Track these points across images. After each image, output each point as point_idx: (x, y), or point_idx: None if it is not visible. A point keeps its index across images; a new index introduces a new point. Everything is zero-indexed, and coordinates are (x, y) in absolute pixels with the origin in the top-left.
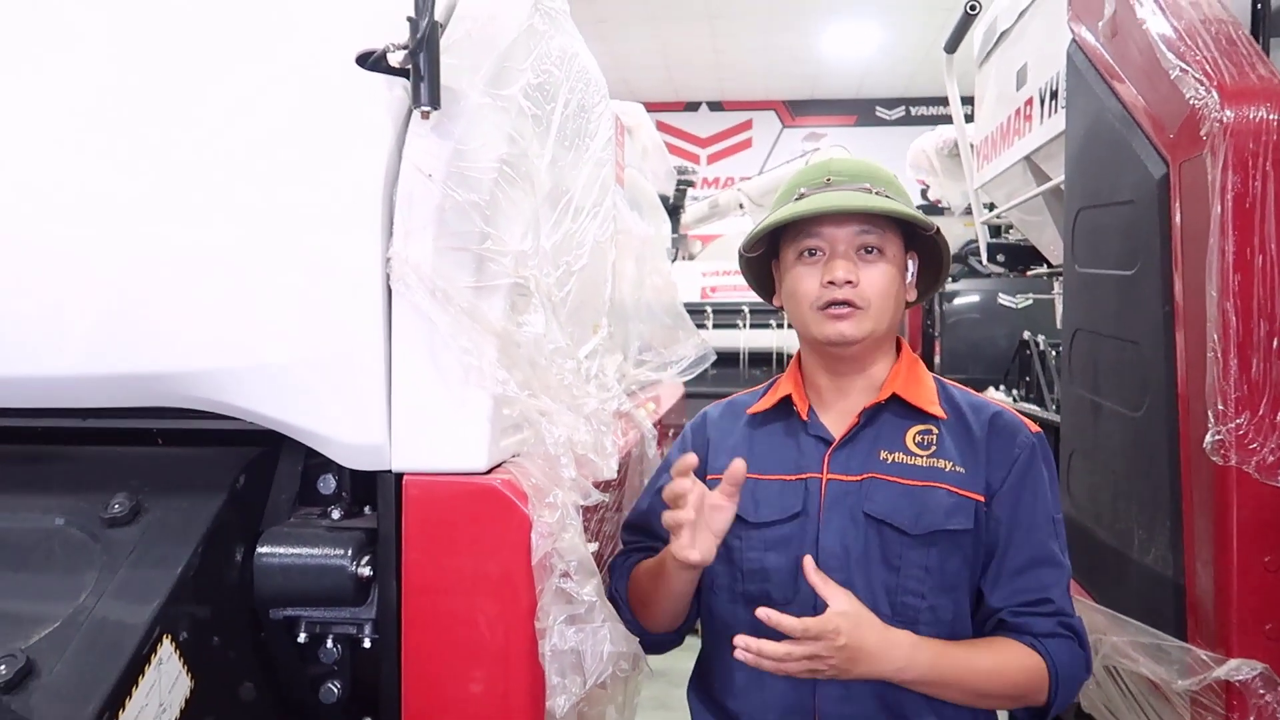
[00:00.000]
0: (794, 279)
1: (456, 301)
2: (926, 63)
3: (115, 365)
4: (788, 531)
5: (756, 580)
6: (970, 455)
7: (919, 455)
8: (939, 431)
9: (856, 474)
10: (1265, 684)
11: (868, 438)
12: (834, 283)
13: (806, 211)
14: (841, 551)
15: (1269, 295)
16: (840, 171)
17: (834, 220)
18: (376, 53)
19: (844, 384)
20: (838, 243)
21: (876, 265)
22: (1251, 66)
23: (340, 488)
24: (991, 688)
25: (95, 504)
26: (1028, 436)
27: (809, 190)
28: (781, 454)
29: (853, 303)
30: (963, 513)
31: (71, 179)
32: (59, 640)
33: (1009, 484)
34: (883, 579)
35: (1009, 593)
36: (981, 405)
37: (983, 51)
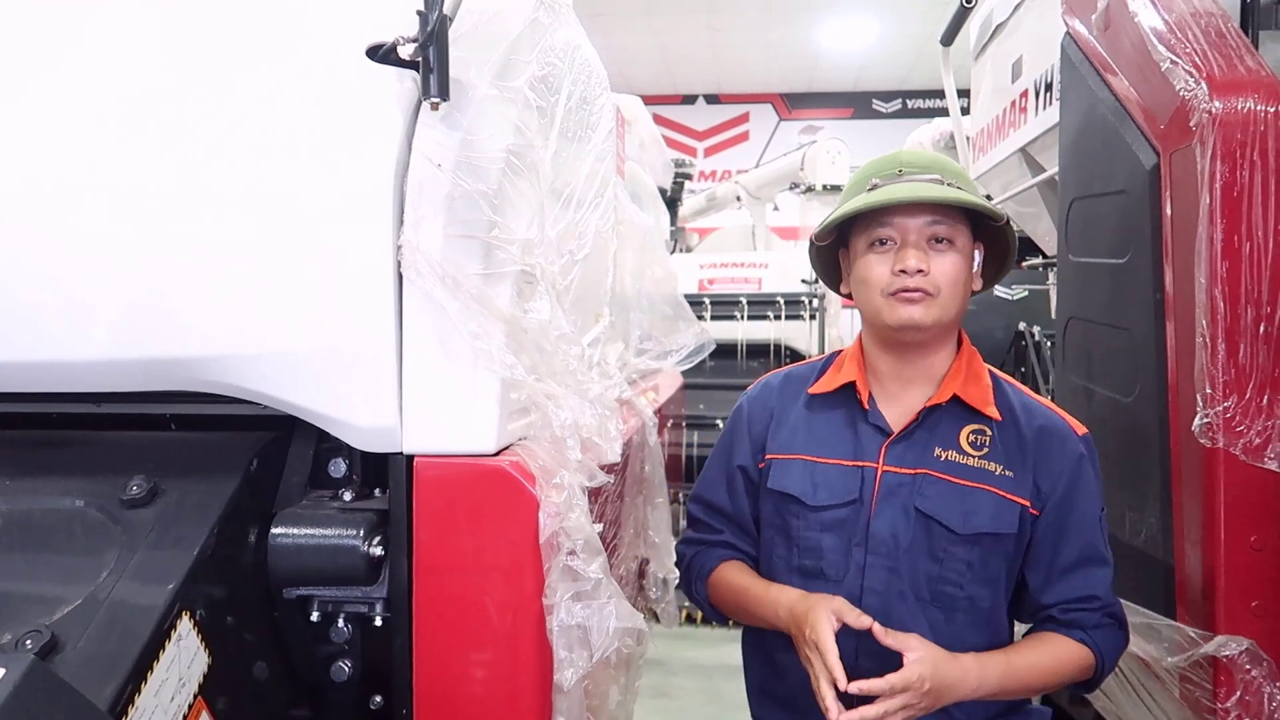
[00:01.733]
0: (865, 266)
1: (465, 288)
2: (923, 56)
3: (138, 351)
4: (842, 515)
5: (811, 557)
6: (1019, 459)
7: (971, 455)
8: (992, 434)
9: (911, 468)
10: (1251, 659)
11: (924, 433)
12: (905, 271)
13: (881, 201)
14: (891, 540)
15: (1256, 282)
16: (912, 163)
17: (906, 211)
18: (387, 46)
19: (906, 371)
20: (909, 232)
21: (947, 255)
22: (1240, 59)
23: (351, 470)
24: (1049, 682)
25: (114, 486)
26: (1076, 443)
27: (882, 181)
28: (840, 439)
29: (924, 290)
30: (1008, 516)
31: (96, 172)
32: (82, 617)
33: (1062, 490)
34: (926, 569)
35: (1060, 590)
36: (1033, 408)
37: (978, 44)
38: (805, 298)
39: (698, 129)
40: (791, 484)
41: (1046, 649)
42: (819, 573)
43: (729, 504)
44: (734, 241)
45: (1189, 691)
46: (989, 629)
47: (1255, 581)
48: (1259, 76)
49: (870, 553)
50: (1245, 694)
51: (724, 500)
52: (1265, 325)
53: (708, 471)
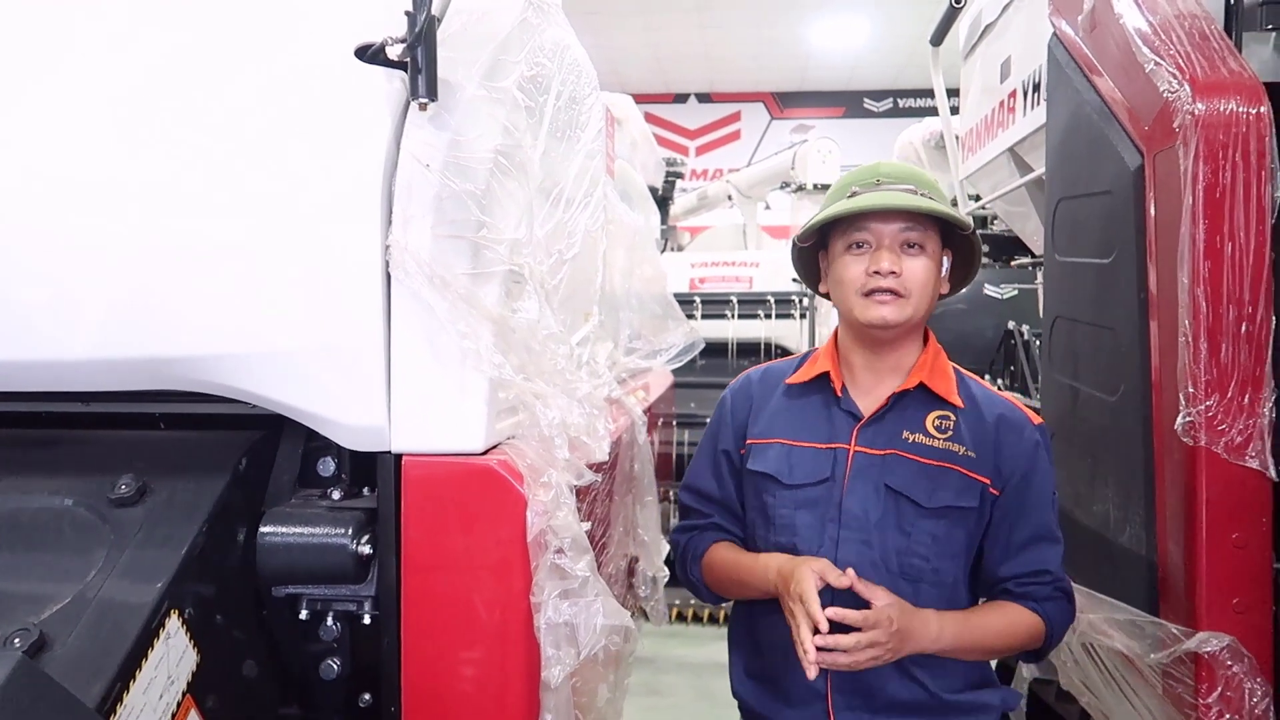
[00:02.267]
0: (842, 267)
1: (454, 288)
2: (914, 55)
3: (126, 350)
4: (816, 494)
5: (786, 534)
6: (981, 442)
7: (936, 437)
8: (955, 419)
9: (881, 449)
10: (1232, 655)
11: (893, 417)
12: (879, 272)
13: (860, 207)
14: (862, 515)
15: (1238, 282)
16: (889, 174)
17: (882, 217)
18: (375, 46)
19: (877, 364)
20: (884, 237)
21: (918, 259)
22: (1223, 60)
23: (340, 470)
24: (1001, 645)
25: (103, 485)
26: (1033, 431)
27: (861, 189)
28: (815, 424)
29: (895, 290)
30: (970, 493)
31: (83, 171)
32: (71, 615)
33: (1020, 474)
34: (895, 543)
35: (1016, 564)
36: (993, 399)
37: (968, 44)
38: (795, 296)
39: (689, 128)
40: (769, 464)
41: (1000, 614)
42: (793, 549)
43: (716, 489)
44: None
45: (1171, 687)
46: (952, 603)
47: (1236, 579)
48: (1241, 78)
49: (843, 527)
50: (1227, 690)
51: (711, 486)
52: (1247, 325)
53: (695, 462)
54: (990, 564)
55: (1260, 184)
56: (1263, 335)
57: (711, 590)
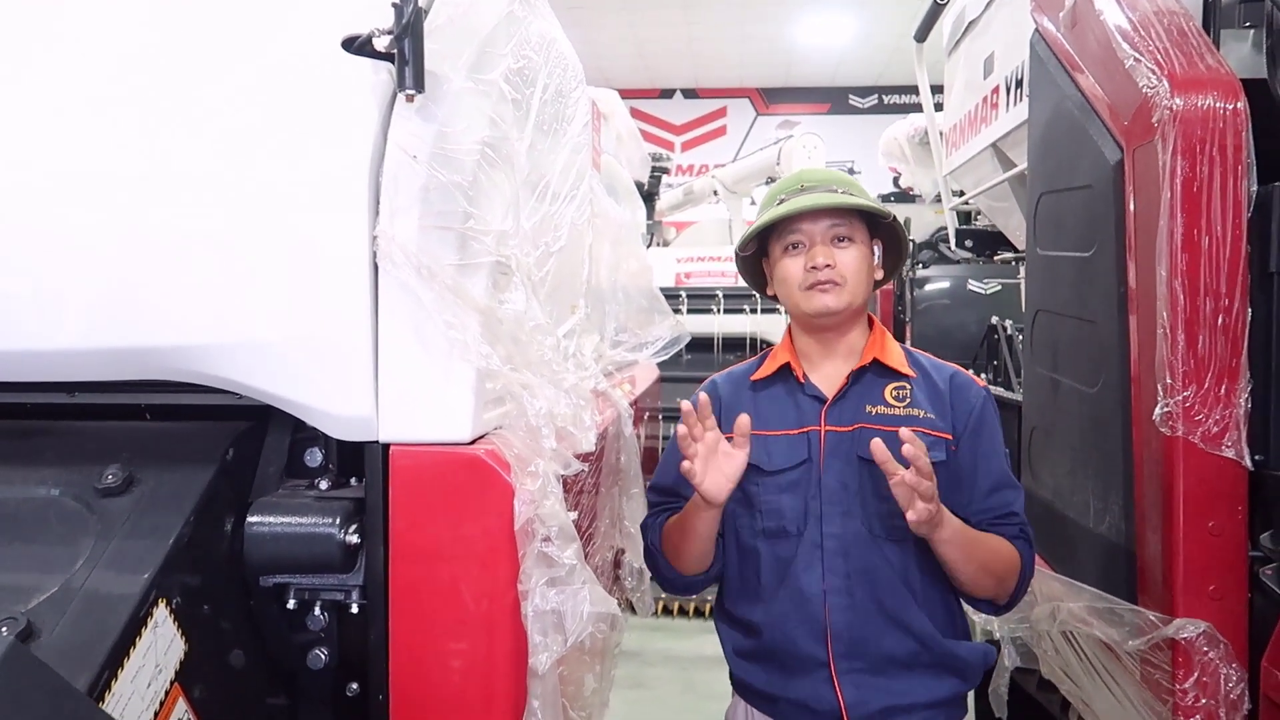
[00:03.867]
0: (783, 269)
1: (441, 278)
2: (899, 51)
3: (112, 340)
4: (796, 476)
5: (774, 518)
6: (937, 403)
7: (896, 406)
8: (910, 387)
9: (848, 425)
10: (1208, 641)
11: (855, 395)
12: (815, 266)
13: (787, 212)
14: (840, 489)
15: (1215, 274)
16: (812, 179)
17: (810, 217)
18: (362, 38)
19: (829, 349)
20: (815, 235)
21: (848, 250)
22: (1200, 57)
23: (327, 460)
24: (993, 563)
25: (89, 475)
26: (979, 391)
27: (787, 196)
28: (784, 412)
29: (833, 280)
30: (936, 448)
31: (68, 161)
32: (58, 604)
33: (970, 428)
34: (875, 508)
35: (981, 509)
36: (940, 366)
37: (952, 40)
38: None
39: (675, 123)
40: (751, 455)
41: (990, 537)
42: (781, 531)
43: (680, 483)
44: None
45: (1149, 673)
46: (932, 559)
47: (1213, 566)
48: (1218, 74)
49: (825, 503)
50: (1203, 675)
51: (679, 482)
52: (1223, 317)
53: (662, 463)
54: (958, 510)
55: (1236, 178)
56: (1238, 327)
57: (668, 559)
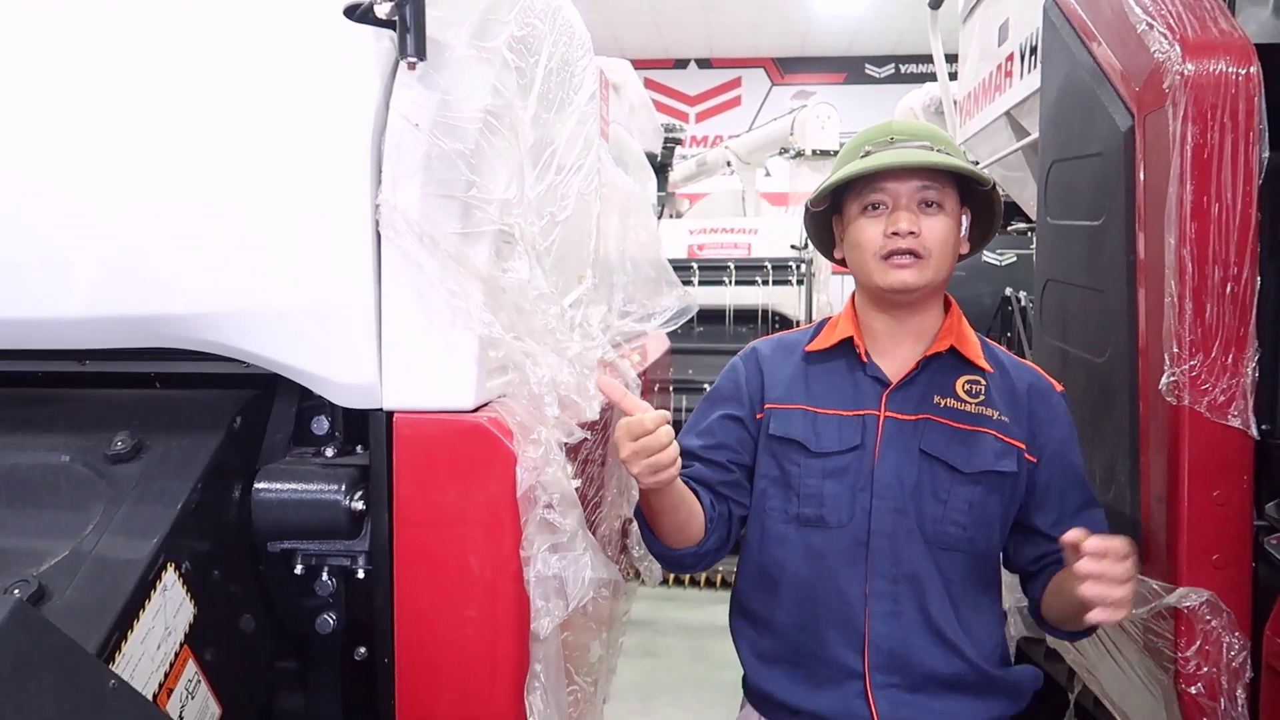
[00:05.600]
0: (858, 230)
1: (443, 247)
2: (916, 20)
3: (119, 308)
4: (845, 462)
5: (812, 505)
6: (1013, 408)
7: (968, 402)
8: (985, 383)
9: (912, 414)
10: (1211, 610)
11: (922, 382)
12: (898, 233)
13: (875, 166)
14: (896, 483)
15: (1223, 243)
16: (903, 131)
17: (898, 176)
18: (364, 5)
19: (898, 329)
20: (900, 196)
21: (936, 218)
22: (1214, 21)
23: (333, 428)
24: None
25: (99, 442)
26: (1060, 398)
27: (874, 148)
28: (839, 391)
29: (915, 252)
30: (1009, 457)
31: (75, 131)
32: (68, 567)
33: (1058, 440)
34: (930, 510)
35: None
36: (1019, 365)
37: (966, 8)
38: (793, 263)
39: (689, 94)
40: (794, 430)
41: None
42: (819, 520)
43: (698, 444)
44: (724, 207)
45: (1152, 641)
46: (983, 574)
47: (1216, 535)
48: (1231, 39)
49: (876, 496)
50: (1205, 644)
51: (693, 443)
52: (1232, 285)
53: (688, 423)
54: (1044, 531)
55: (1247, 145)
56: (1247, 296)
57: (650, 529)
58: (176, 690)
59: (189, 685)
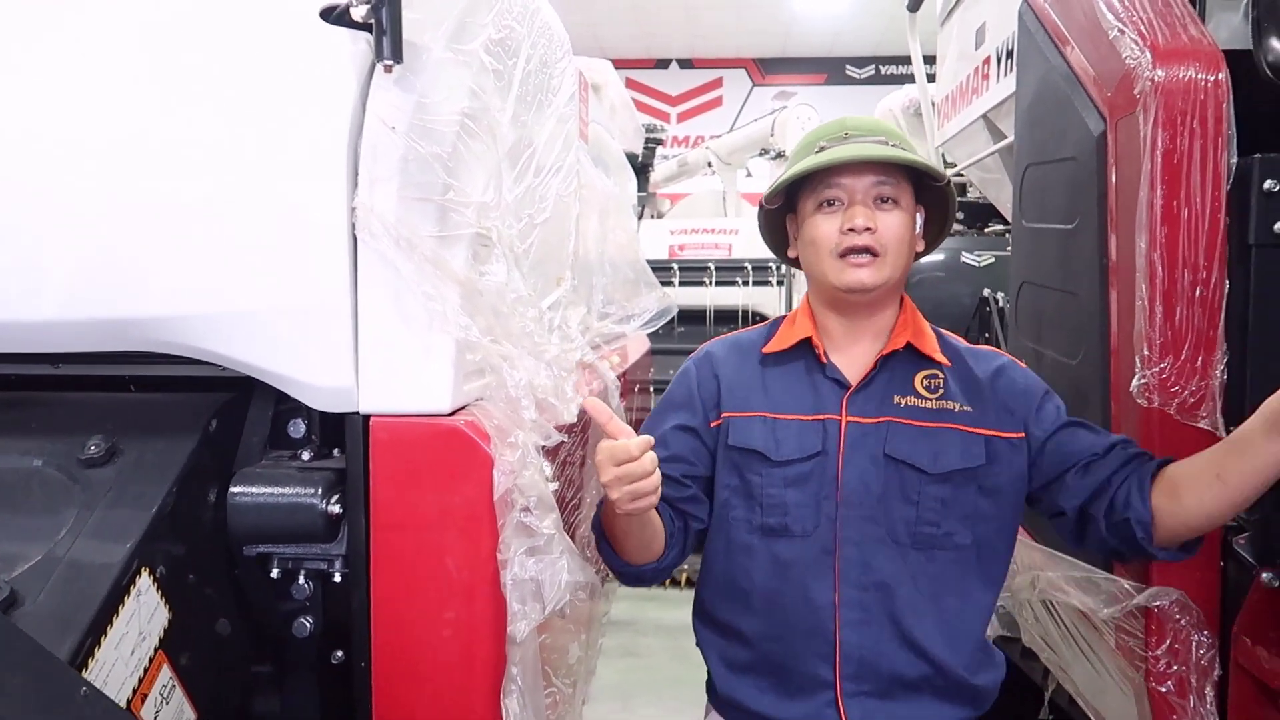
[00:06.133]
0: (813, 228)
1: (420, 250)
2: (896, 22)
3: (93, 311)
4: (807, 469)
5: (776, 514)
6: (975, 395)
7: (928, 398)
8: (944, 376)
9: (874, 417)
10: (1180, 609)
11: (881, 382)
12: (854, 229)
13: (830, 161)
14: (862, 489)
15: (1193, 247)
16: (857, 126)
17: (853, 171)
18: (340, 7)
19: (856, 329)
20: (856, 192)
21: (892, 213)
22: (1184, 28)
23: (310, 431)
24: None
25: (72, 446)
26: (1026, 375)
27: (829, 144)
28: (798, 394)
29: (871, 249)
30: (974, 450)
31: (48, 132)
32: (41, 573)
33: (1051, 404)
34: (902, 513)
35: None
36: (978, 353)
37: (945, 11)
38: (773, 264)
39: (671, 94)
40: (754, 439)
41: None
42: (784, 529)
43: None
44: (705, 207)
45: (1124, 641)
46: (969, 568)
47: None
48: (1201, 45)
49: (843, 504)
50: (1175, 642)
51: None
52: (1201, 289)
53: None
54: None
55: (1216, 150)
56: (1216, 299)
57: (611, 546)
58: (151, 695)
59: (164, 690)
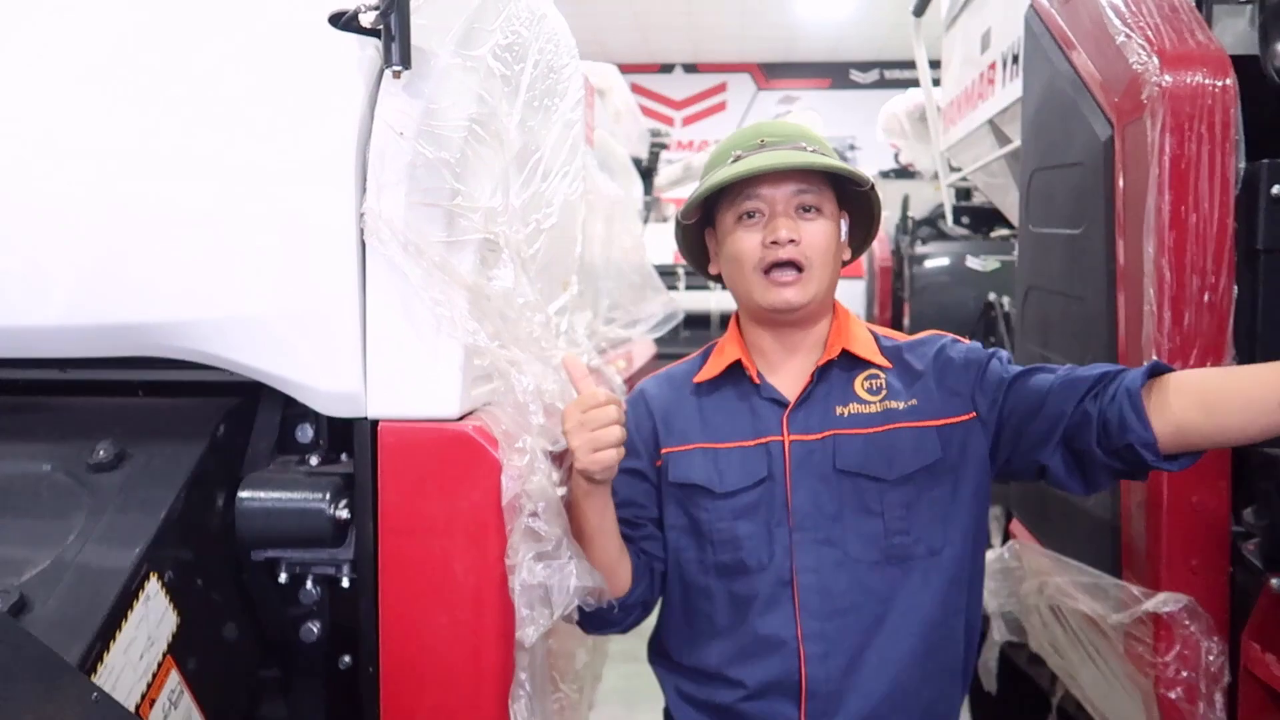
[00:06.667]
0: (734, 243)
1: (428, 255)
2: (900, 26)
3: (100, 316)
4: (755, 498)
5: (728, 550)
6: (920, 388)
7: (871, 402)
8: (884, 376)
9: (817, 432)
10: (1190, 615)
11: (820, 394)
12: (777, 242)
13: (747, 171)
14: (814, 510)
15: (1201, 251)
16: (773, 133)
17: (772, 181)
18: (349, 13)
19: (790, 346)
20: (776, 203)
21: (816, 223)
22: (1191, 33)
23: (318, 436)
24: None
25: (81, 451)
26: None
27: (744, 153)
28: (736, 420)
29: (796, 261)
30: (928, 444)
31: (54, 137)
32: (50, 577)
33: (987, 376)
34: (867, 527)
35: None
36: (915, 344)
37: (950, 15)
38: None
39: (675, 98)
40: (695, 473)
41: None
42: (739, 565)
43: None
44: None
45: (1132, 647)
46: (954, 571)
47: (1195, 540)
48: (1208, 50)
49: (796, 530)
50: (1184, 648)
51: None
52: (1209, 294)
53: None
54: (1047, 418)
55: (1224, 155)
56: (1224, 305)
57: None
58: (159, 700)
59: (172, 695)
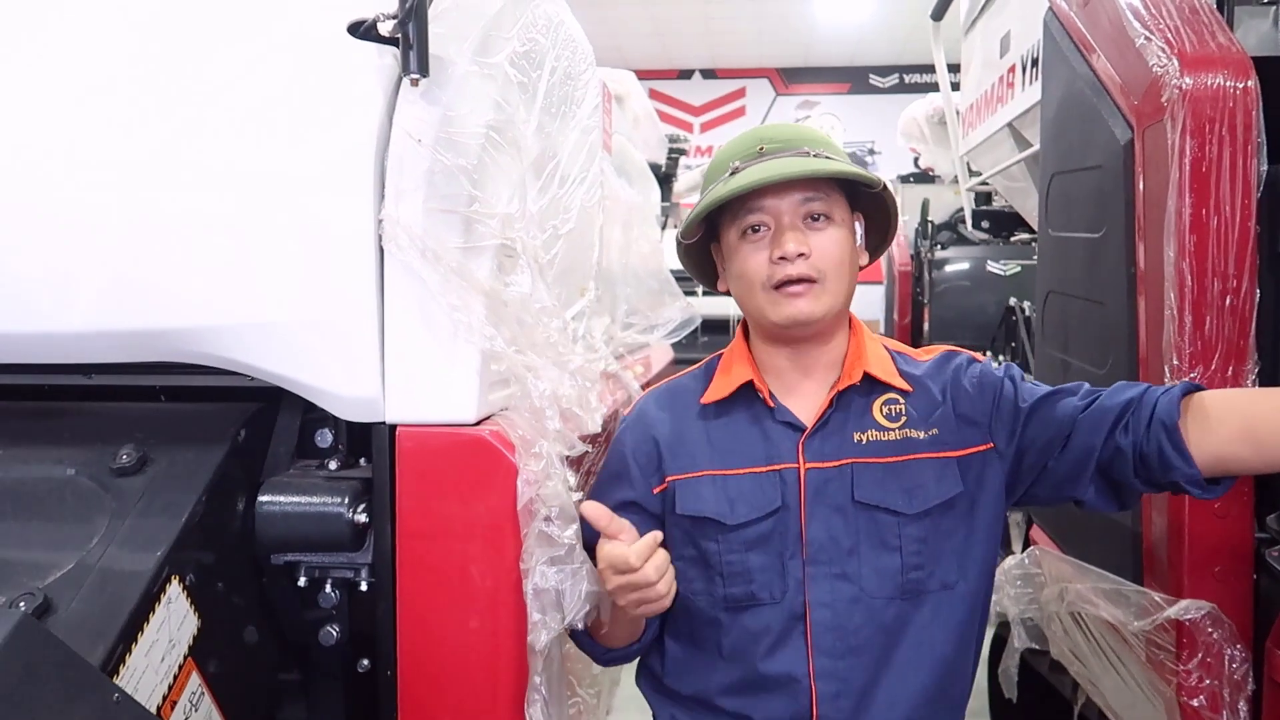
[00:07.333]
0: (740, 260)
1: (445, 261)
2: (919, 30)
3: (122, 322)
4: (767, 528)
5: (739, 583)
6: (940, 415)
7: (890, 429)
8: (904, 403)
9: (834, 460)
10: (1213, 622)
11: (838, 420)
12: (785, 257)
13: (746, 186)
14: (830, 543)
15: (1222, 255)
16: (773, 139)
17: (775, 191)
18: (367, 22)
19: (806, 365)
20: (782, 215)
21: (826, 232)
22: (1211, 35)
23: (337, 441)
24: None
25: (104, 455)
26: (965, 358)
27: (743, 164)
28: (747, 444)
29: (808, 277)
30: (950, 477)
31: (77, 145)
32: (74, 580)
33: (1002, 405)
34: (884, 562)
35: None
36: (934, 368)
37: (969, 19)
38: None
39: (694, 104)
40: (705, 505)
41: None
42: (751, 598)
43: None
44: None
45: (1154, 654)
46: (967, 614)
47: (1218, 547)
48: (1229, 53)
49: (809, 563)
50: (1206, 656)
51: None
52: (1231, 298)
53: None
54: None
55: (1245, 158)
56: (1246, 308)
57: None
58: (180, 702)
59: (193, 697)
